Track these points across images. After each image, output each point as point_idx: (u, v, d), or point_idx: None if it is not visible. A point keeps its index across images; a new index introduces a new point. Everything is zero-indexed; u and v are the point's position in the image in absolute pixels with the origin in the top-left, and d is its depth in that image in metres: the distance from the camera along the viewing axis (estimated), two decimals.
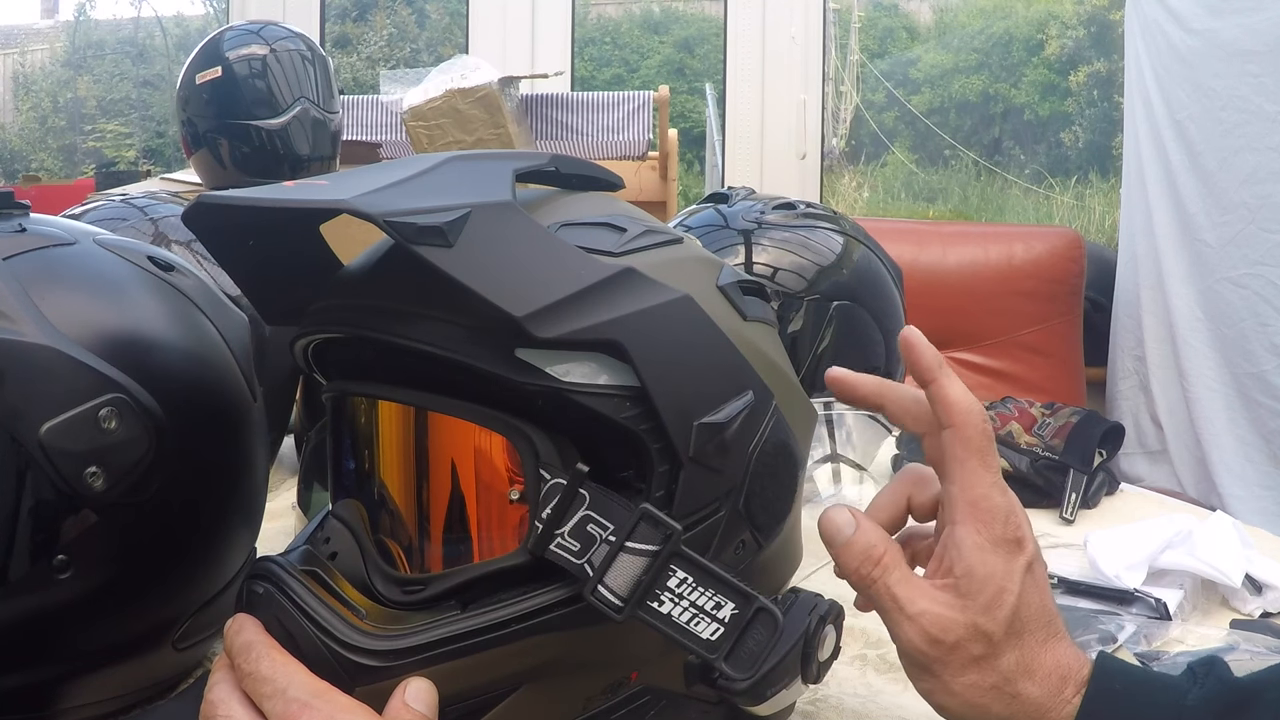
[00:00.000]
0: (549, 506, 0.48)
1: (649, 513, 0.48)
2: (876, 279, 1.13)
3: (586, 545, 0.48)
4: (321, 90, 1.76)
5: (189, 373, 0.64)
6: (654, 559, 0.48)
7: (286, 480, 1.17)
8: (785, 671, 0.55)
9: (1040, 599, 0.50)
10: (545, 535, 0.48)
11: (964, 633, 0.48)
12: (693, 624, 0.49)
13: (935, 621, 0.49)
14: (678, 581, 0.48)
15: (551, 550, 0.48)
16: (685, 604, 0.49)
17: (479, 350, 0.48)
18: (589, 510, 0.48)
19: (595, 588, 0.48)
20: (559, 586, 0.49)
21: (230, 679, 0.48)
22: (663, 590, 0.48)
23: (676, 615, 0.49)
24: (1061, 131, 3.56)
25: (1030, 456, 1.19)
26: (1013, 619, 0.48)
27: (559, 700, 0.52)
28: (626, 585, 0.48)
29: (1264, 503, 2.09)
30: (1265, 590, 0.90)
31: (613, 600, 0.48)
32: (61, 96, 4.27)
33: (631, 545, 0.48)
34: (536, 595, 0.49)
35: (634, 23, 4.03)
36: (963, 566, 0.49)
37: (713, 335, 0.52)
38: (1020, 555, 0.49)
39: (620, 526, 0.48)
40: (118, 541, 0.58)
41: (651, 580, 0.48)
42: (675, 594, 0.48)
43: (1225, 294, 2.16)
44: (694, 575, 0.49)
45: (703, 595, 0.49)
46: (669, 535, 0.48)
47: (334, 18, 3.59)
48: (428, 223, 0.45)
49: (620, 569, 0.48)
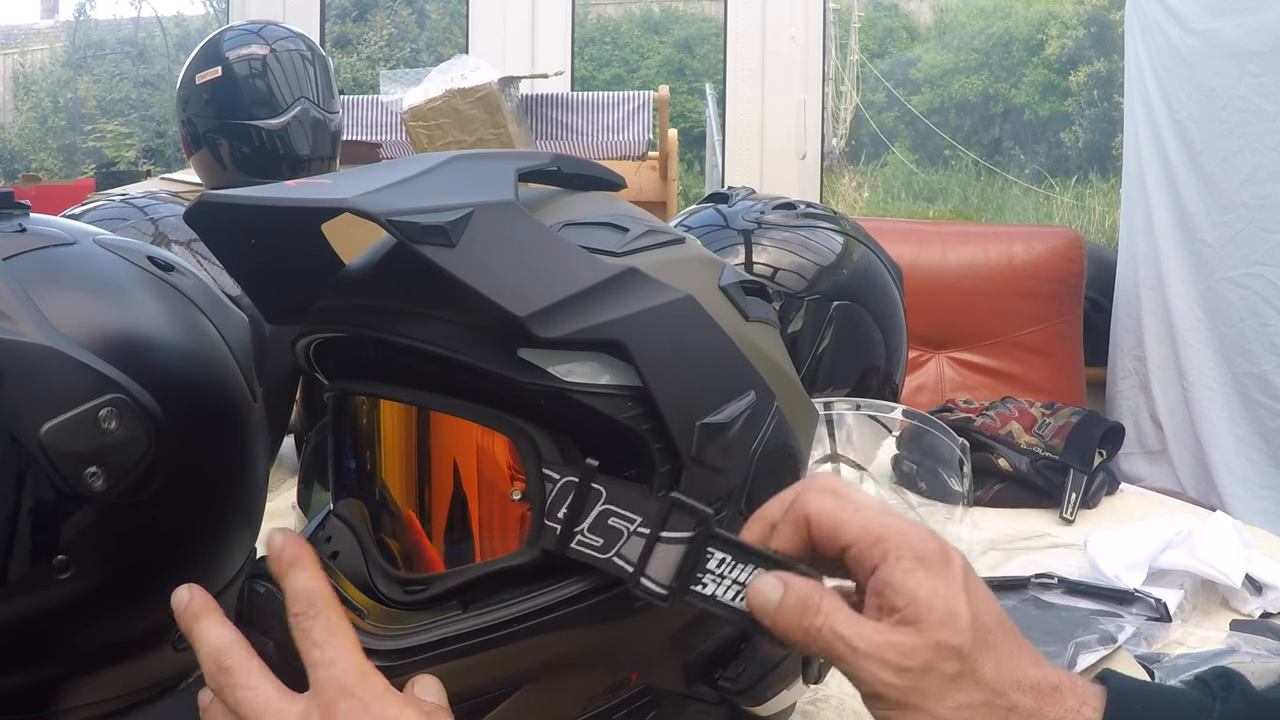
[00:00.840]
0: (564, 505, 0.48)
1: (680, 501, 0.48)
2: (876, 279, 1.13)
3: (611, 539, 0.48)
4: (321, 90, 1.76)
5: (189, 373, 0.64)
6: (691, 545, 0.48)
7: (286, 480, 1.17)
8: (786, 671, 0.55)
9: (994, 608, 0.47)
10: (565, 534, 0.48)
11: (930, 654, 0.44)
12: (738, 600, 0.49)
13: (896, 650, 0.45)
14: (717, 562, 0.48)
15: (573, 548, 0.48)
16: (728, 582, 0.48)
17: (481, 350, 0.48)
18: (608, 504, 0.48)
19: (639, 580, 0.48)
20: (561, 586, 0.49)
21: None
22: (704, 573, 0.48)
23: (721, 594, 0.49)
24: (1061, 131, 3.55)
25: (1030, 456, 1.19)
26: (975, 627, 0.45)
27: (560, 700, 0.52)
28: (669, 573, 0.48)
29: (1264, 503, 2.09)
30: (1265, 590, 0.90)
31: (657, 590, 0.48)
32: (61, 96, 4.27)
33: (667, 535, 0.48)
34: (538, 595, 0.49)
35: (634, 23, 4.03)
36: (902, 597, 0.45)
37: (715, 336, 0.52)
38: (951, 566, 0.46)
39: (649, 517, 0.48)
40: (118, 541, 0.58)
41: (693, 565, 0.48)
42: (716, 574, 0.48)
43: (1225, 294, 2.16)
44: (732, 554, 0.48)
45: (742, 571, 0.48)
46: (702, 520, 0.48)
47: (334, 18, 3.59)
48: (430, 222, 0.45)
49: (660, 559, 0.48)
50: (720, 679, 0.54)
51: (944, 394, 2.26)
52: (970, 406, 1.29)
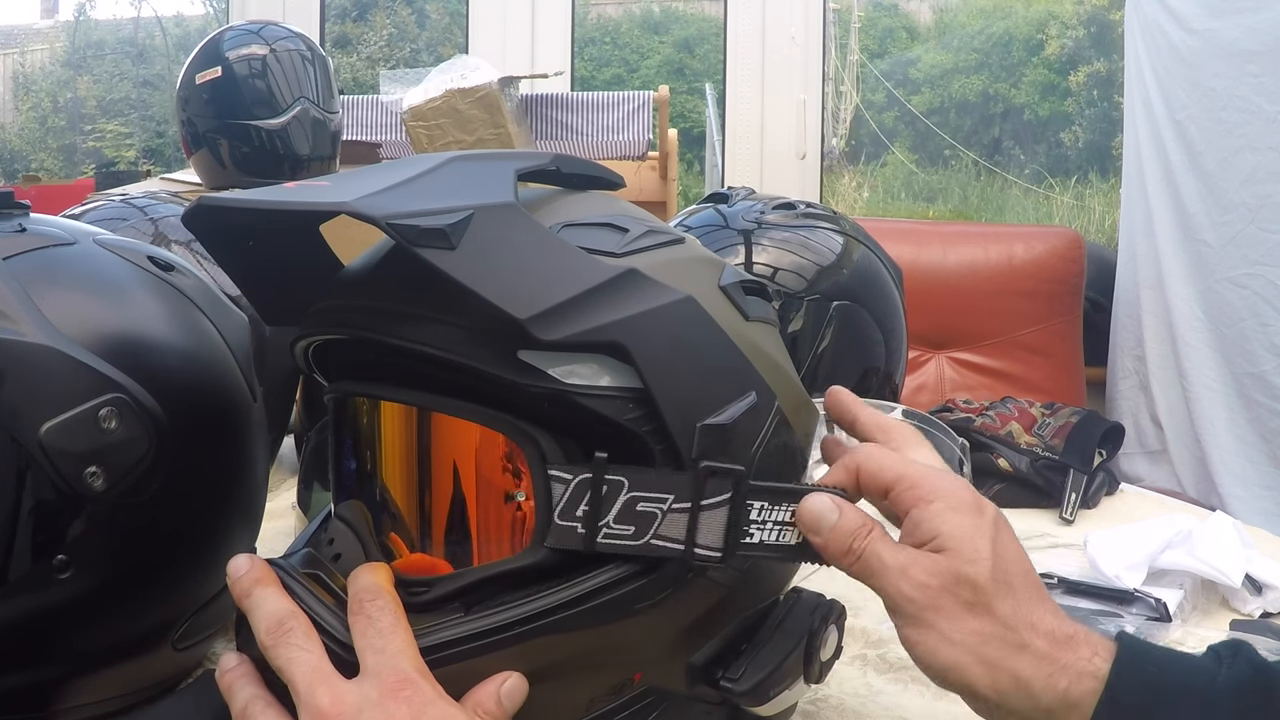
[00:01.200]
0: (582, 502, 0.48)
1: (713, 468, 0.49)
2: (876, 279, 1.13)
3: (643, 524, 0.49)
4: (321, 90, 1.76)
5: (189, 373, 0.64)
6: (732, 504, 0.50)
7: (286, 480, 1.17)
8: (788, 671, 0.55)
9: (1021, 560, 0.51)
10: (590, 529, 0.48)
11: (948, 578, 0.49)
12: (781, 538, 0.52)
13: (919, 569, 0.49)
14: (757, 511, 0.51)
15: (601, 542, 0.49)
16: (770, 525, 0.52)
17: (481, 352, 0.48)
18: (632, 492, 0.49)
19: (692, 552, 0.49)
20: (564, 587, 0.49)
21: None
22: (748, 525, 0.51)
23: (767, 538, 0.52)
24: (1061, 131, 3.55)
25: (1030, 456, 1.18)
26: (995, 568, 0.49)
27: (563, 701, 0.52)
28: (718, 537, 0.50)
29: (1264, 503, 2.09)
30: (1265, 590, 0.90)
31: (712, 555, 0.50)
32: (61, 96, 4.27)
33: (707, 502, 0.49)
34: (541, 597, 0.49)
35: (634, 23, 4.03)
36: (932, 530, 0.50)
37: (715, 336, 0.52)
38: (984, 515, 0.51)
39: (683, 492, 0.49)
40: (118, 541, 0.58)
41: (737, 521, 0.50)
42: (759, 522, 0.51)
43: (1225, 294, 2.15)
44: (767, 499, 0.51)
45: (778, 510, 0.52)
46: (738, 479, 0.50)
47: (334, 18, 3.59)
48: (430, 225, 0.45)
49: (706, 526, 0.50)
50: (723, 679, 0.54)
51: (944, 394, 2.26)
52: (970, 406, 1.29)
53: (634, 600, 0.49)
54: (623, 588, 0.49)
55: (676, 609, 0.52)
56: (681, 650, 0.54)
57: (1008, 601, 0.49)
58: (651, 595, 0.50)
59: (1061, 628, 0.49)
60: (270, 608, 0.49)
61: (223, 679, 0.50)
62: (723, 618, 0.55)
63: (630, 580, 0.50)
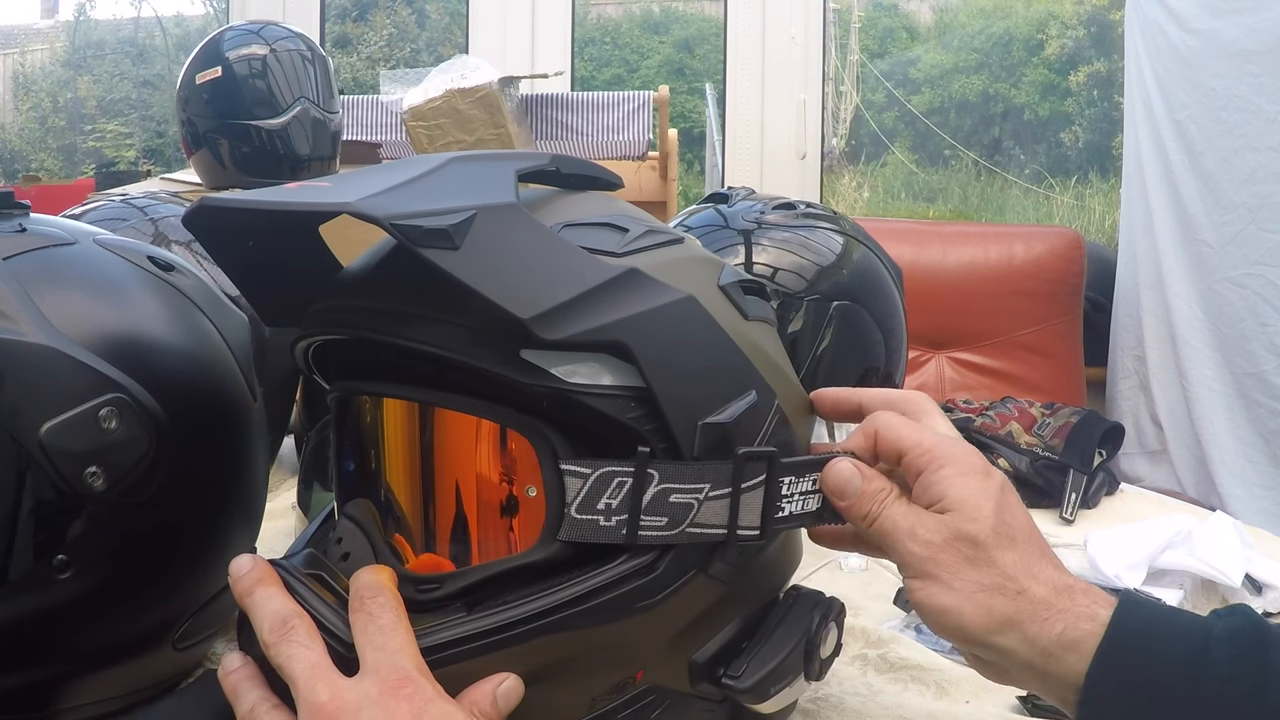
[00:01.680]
0: (604, 496, 0.49)
1: (752, 453, 0.51)
2: (876, 279, 1.13)
3: (677, 515, 0.50)
4: (321, 90, 1.76)
5: (189, 373, 0.64)
6: (767, 484, 0.52)
7: (286, 480, 1.17)
8: (788, 669, 0.55)
9: (1024, 519, 0.53)
10: (632, 524, 0.49)
11: (950, 535, 0.52)
12: (805, 506, 0.55)
13: (924, 526, 0.52)
14: (785, 486, 0.53)
15: (642, 535, 0.49)
16: (796, 497, 0.54)
17: (483, 351, 0.48)
18: (664, 484, 0.49)
19: (736, 534, 0.51)
20: (568, 585, 0.49)
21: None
22: (780, 500, 0.53)
23: (794, 510, 0.54)
24: (1061, 131, 3.55)
25: (1030, 456, 1.19)
26: (997, 525, 0.52)
27: (566, 700, 0.52)
28: (755, 517, 0.52)
29: (1264, 503, 2.09)
30: (1265, 590, 0.90)
31: (752, 535, 0.52)
32: (61, 96, 4.27)
33: (746, 485, 0.51)
34: (545, 595, 0.49)
35: (634, 23, 4.03)
36: (940, 493, 0.53)
37: (716, 335, 0.52)
38: (989, 480, 0.53)
39: (720, 479, 0.50)
40: (118, 541, 0.58)
41: (772, 498, 0.53)
42: (788, 496, 0.54)
43: (1225, 294, 2.16)
44: (793, 473, 0.54)
45: (803, 481, 0.54)
46: (771, 459, 0.52)
47: (334, 18, 3.59)
48: (433, 225, 0.45)
49: (746, 509, 0.51)
50: (724, 677, 0.54)
51: (944, 394, 2.26)
52: (970, 406, 1.29)
53: (636, 599, 0.49)
54: (625, 586, 0.49)
55: (678, 607, 0.52)
56: (683, 648, 0.54)
57: (1009, 554, 0.51)
58: (653, 594, 0.50)
59: (1063, 579, 0.52)
60: (273, 607, 0.49)
61: (227, 680, 0.50)
62: (724, 616, 0.55)
63: (632, 578, 0.50)
